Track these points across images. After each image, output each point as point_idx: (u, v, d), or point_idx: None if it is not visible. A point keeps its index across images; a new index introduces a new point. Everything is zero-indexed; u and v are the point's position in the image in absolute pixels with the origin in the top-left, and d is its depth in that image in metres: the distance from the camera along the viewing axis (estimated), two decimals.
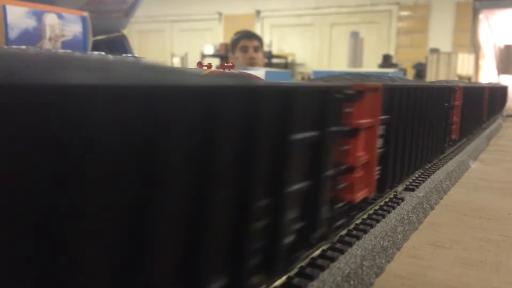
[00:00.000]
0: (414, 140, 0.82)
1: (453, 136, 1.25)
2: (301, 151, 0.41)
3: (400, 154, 0.75)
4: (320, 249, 0.52)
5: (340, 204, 0.53)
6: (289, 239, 0.40)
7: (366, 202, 0.64)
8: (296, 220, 0.42)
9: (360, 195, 0.57)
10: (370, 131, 0.59)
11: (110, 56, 0.28)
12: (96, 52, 0.67)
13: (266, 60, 4.44)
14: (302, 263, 0.47)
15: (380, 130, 0.64)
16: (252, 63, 2.56)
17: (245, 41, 2.62)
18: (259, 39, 2.72)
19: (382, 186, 0.68)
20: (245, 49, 2.60)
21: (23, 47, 0.74)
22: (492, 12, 5.39)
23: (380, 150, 0.66)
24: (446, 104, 1.11)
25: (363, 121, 0.56)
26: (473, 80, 4.57)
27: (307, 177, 0.43)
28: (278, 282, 0.43)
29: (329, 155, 0.46)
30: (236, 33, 2.74)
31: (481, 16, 5.37)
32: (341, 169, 0.51)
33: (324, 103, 0.45)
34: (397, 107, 0.70)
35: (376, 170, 0.64)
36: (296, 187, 0.41)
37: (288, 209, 0.39)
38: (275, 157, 0.37)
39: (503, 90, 2.83)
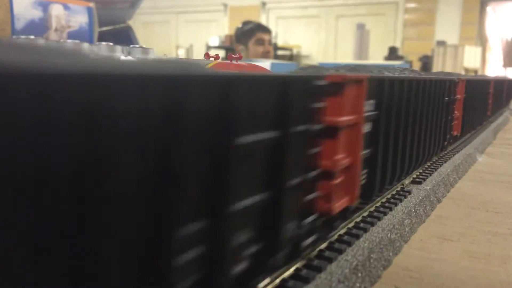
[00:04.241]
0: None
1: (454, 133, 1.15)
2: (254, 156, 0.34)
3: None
4: (328, 241, 0.51)
5: (312, 218, 0.44)
6: (240, 266, 0.33)
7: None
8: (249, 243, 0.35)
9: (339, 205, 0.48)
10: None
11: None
12: (103, 43, 0.67)
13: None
14: (310, 255, 0.47)
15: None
16: (267, 57, 2.54)
17: (261, 34, 2.60)
18: (271, 32, 2.72)
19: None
20: (261, 42, 2.58)
21: (31, 37, 0.74)
22: (499, 4, 5.34)
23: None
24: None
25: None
26: (479, 73, 4.54)
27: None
28: (287, 273, 0.43)
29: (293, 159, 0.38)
30: (247, 23, 2.69)
31: (489, 8, 5.32)
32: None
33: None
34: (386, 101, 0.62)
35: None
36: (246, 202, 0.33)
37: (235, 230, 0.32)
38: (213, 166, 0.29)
39: (509, 83, 2.77)
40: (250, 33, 2.60)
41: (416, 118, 0.77)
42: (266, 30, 2.66)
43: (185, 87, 0.26)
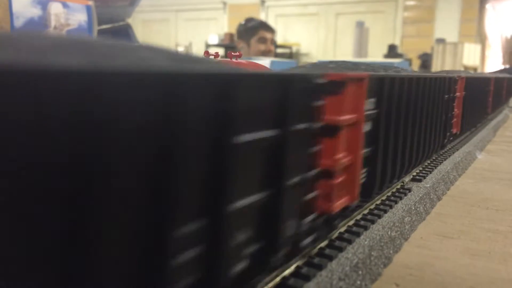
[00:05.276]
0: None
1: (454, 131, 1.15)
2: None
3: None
4: (328, 239, 0.51)
5: (311, 217, 0.43)
6: (239, 266, 0.33)
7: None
8: (249, 242, 0.34)
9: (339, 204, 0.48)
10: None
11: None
12: None
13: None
14: (311, 253, 0.47)
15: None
16: (268, 55, 2.53)
17: (264, 32, 2.59)
18: (274, 31, 2.71)
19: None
20: (263, 40, 2.57)
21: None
22: (499, 1, 5.33)
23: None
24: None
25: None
26: (479, 70, 4.54)
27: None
28: (287, 271, 0.43)
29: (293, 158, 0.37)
30: (250, 20, 2.68)
31: (488, 6, 5.32)
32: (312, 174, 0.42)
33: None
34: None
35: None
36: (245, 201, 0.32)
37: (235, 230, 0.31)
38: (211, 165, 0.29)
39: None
40: (254, 30, 2.60)
41: (416, 116, 0.76)
42: (269, 29, 2.66)
43: (183, 85, 0.26)
